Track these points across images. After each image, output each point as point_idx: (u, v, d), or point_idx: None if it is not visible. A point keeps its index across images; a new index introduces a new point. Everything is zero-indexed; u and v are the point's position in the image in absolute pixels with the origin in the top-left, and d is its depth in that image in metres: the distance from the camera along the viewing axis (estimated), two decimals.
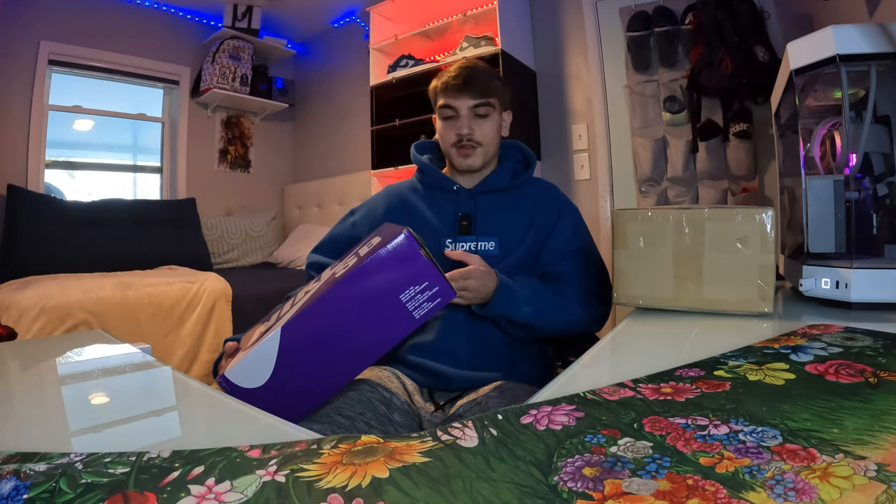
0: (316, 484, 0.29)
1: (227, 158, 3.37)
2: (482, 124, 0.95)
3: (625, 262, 0.78)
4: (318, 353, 0.62)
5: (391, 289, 0.62)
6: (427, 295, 0.63)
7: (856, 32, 0.69)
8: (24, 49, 2.51)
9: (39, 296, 1.76)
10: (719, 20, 1.90)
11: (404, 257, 0.62)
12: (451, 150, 0.97)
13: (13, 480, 0.30)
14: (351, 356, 0.63)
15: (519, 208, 0.96)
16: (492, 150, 0.98)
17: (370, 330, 0.63)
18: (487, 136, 0.96)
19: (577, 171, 2.45)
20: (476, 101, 0.94)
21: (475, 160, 0.96)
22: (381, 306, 0.62)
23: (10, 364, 0.72)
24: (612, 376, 0.47)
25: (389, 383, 0.84)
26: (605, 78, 2.37)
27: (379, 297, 0.62)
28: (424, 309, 0.64)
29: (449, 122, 0.96)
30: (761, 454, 0.30)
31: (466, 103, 0.94)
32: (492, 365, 0.88)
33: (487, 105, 0.95)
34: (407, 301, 0.63)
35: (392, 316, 0.63)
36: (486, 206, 0.96)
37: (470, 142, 0.95)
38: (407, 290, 0.63)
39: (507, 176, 0.99)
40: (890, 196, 0.76)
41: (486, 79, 0.96)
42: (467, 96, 0.94)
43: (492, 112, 0.96)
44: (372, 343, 0.63)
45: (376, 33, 2.77)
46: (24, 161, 2.53)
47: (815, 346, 0.50)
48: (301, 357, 0.61)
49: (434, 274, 0.64)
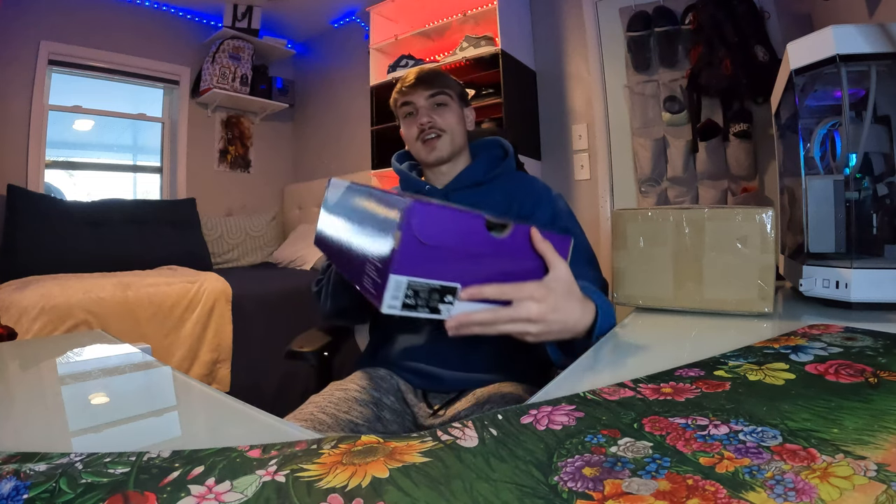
0: (316, 484, 0.29)
1: (227, 158, 3.37)
2: (442, 112, 0.96)
3: (625, 262, 0.78)
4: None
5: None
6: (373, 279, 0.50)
7: (856, 32, 0.69)
8: (24, 49, 2.51)
9: (39, 296, 1.76)
10: (719, 20, 1.90)
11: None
12: (417, 146, 0.97)
13: (13, 480, 0.30)
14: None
15: (494, 201, 0.95)
16: (458, 138, 0.97)
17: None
18: (449, 123, 0.96)
19: (577, 171, 2.45)
20: (431, 92, 0.96)
21: (442, 150, 0.95)
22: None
23: (10, 364, 0.72)
24: (612, 376, 0.47)
25: (381, 384, 0.84)
26: (605, 78, 2.37)
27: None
28: (367, 284, 0.52)
29: (410, 119, 0.97)
30: (761, 454, 0.30)
31: (422, 95, 0.96)
32: (485, 365, 0.88)
33: (443, 94, 0.96)
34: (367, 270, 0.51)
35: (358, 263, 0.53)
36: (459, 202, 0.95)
37: (432, 129, 0.95)
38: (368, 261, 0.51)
39: (481, 171, 0.98)
40: (890, 196, 0.76)
41: (437, 75, 0.98)
42: (421, 89, 0.96)
43: (449, 101, 0.97)
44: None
45: (376, 33, 2.77)
46: (24, 161, 2.53)
47: (815, 346, 0.50)
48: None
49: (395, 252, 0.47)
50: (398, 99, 0.99)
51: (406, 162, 1.05)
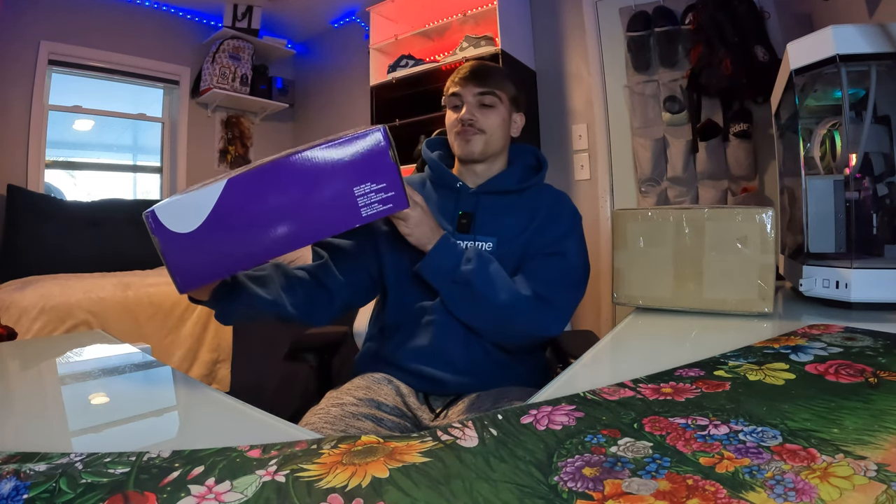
0: (316, 484, 0.29)
1: (227, 158, 3.37)
2: (486, 113, 0.94)
3: (625, 262, 0.78)
4: (256, 216, 0.57)
5: (349, 177, 0.60)
6: (381, 196, 0.61)
7: (856, 32, 0.69)
8: (24, 49, 2.51)
9: (39, 296, 1.76)
10: (719, 20, 1.90)
11: (373, 151, 0.60)
12: (454, 137, 0.97)
13: (13, 480, 0.30)
14: (287, 230, 0.59)
15: (522, 212, 0.94)
16: (495, 142, 0.96)
17: (314, 211, 0.59)
18: (491, 126, 0.94)
19: (577, 171, 2.45)
20: (481, 89, 0.94)
21: (475, 145, 0.94)
22: (333, 190, 0.59)
23: (10, 364, 0.72)
24: (612, 376, 0.47)
25: (379, 390, 0.84)
26: (605, 78, 2.37)
27: (334, 179, 0.59)
28: (374, 210, 0.61)
29: (454, 111, 0.96)
30: (761, 454, 0.30)
31: (471, 91, 0.94)
32: (490, 370, 0.87)
33: (493, 95, 0.94)
34: (360, 195, 0.60)
35: (340, 204, 0.60)
36: (487, 207, 0.95)
37: (471, 126, 0.94)
38: (364, 183, 0.61)
39: (515, 179, 0.97)
40: (890, 196, 0.76)
41: (494, 72, 0.97)
42: (472, 84, 0.94)
43: (498, 104, 0.95)
44: (311, 225, 0.60)
45: (376, 33, 2.77)
46: (24, 161, 2.53)
47: (815, 346, 0.50)
48: (238, 215, 0.56)
49: (395, 178, 0.62)
50: (449, 88, 0.97)
51: (437, 151, 1.04)
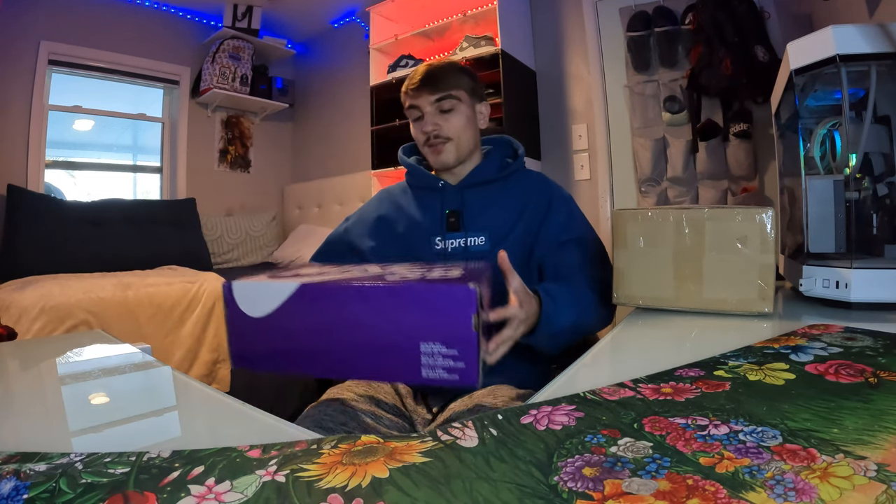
0: (316, 484, 0.29)
1: (227, 158, 3.37)
2: (448, 118, 0.95)
3: (625, 262, 0.78)
4: (317, 328, 0.55)
5: (419, 329, 0.54)
6: (448, 364, 0.53)
7: (856, 32, 0.69)
8: (24, 49, 2.51)
9: (39, 296, 1.76)
10: (719, 20, 1.90)
11: (455, 313, 0.53)
12: (424, 149, 0.97)
13: (13, 480, 0.30)
14: (342, 354, 0.56)
15: (508, 200, 0.95)
16: (465, 144, 0.96)
17: (373, 349, 0.55)
18: (455, 130, 0.95)
19: (577, 171, 2.45)
20: (437, 96, 0.94)
21: (447, 156, 0.95)
22: (398, 337, 0.54)
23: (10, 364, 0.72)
24: (612, 376, 0.47)
25: (378, 388, 0.84)
26: (605, 78, 2.37)
27: (402, 327, 0.54)
28: (436, 374, 0.54)
29: (417, 123, 0.97)
30: (761, 454, 0.30)
31: (428, 100, 0.94)
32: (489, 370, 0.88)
33: (450, 98, 0.94)
34: (425, 353, 0.54)
35: (403, 356, 0.54)
36: (474, 201, 0.95)
37: (437, 138, 0.94)
38: (432, 342, 0.54)
39: (494, 168, 0.98)
40: (890, 196, 0.76)
41: (445, 74, 0.96)
42: (427, 92, 0.94)
43: (457, 105, 0.95)
44: (365, 362, 0.56)
45: (376, 33, 2.77)
46: (24, 161, 2.53)
47: (815, 346, 0.50)
48: (303, 320, 0.55)
49: (471, 349, 0.53)
50: (405, 100, 0.98)
51: (413, 156, 1.05)
